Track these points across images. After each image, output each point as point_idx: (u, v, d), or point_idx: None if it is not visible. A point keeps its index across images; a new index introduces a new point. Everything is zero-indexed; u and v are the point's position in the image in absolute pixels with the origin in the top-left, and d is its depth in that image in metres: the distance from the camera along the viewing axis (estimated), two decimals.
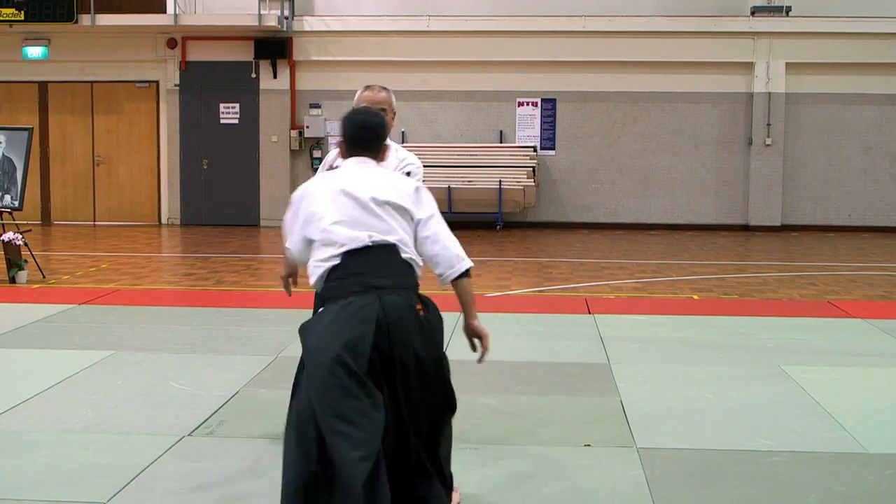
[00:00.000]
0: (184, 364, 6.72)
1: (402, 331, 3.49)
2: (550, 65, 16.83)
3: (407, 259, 3.66)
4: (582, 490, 4.43)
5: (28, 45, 17.19)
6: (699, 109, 16.90)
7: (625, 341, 7.58)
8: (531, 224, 16.92)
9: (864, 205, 16.87)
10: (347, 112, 3.94)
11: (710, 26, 16.58)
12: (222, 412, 5.57)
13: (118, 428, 5.29)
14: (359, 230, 3.61)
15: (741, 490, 4.44)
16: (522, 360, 6.93)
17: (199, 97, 17.23)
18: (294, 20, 16.89)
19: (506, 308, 8.97)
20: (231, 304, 9.34)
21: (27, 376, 6.33)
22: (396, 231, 3.65)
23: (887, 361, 7.05)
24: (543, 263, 12.55)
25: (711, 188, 16.96)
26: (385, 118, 4.06)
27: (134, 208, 17.53)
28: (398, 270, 3.62)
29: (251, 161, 17.26)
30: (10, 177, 10.84)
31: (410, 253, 3.68)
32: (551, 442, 5.09)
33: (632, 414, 5.59)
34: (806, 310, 9.18)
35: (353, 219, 3.63)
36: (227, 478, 4.57)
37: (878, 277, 11.44)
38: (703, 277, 11.33)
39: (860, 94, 16.70)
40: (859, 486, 4.51)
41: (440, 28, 16.75)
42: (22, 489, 4.38)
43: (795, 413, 5.64)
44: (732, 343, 7.57)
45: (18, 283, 10.29)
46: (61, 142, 17.56)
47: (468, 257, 3.80)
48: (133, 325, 8.07)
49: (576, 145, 17.02)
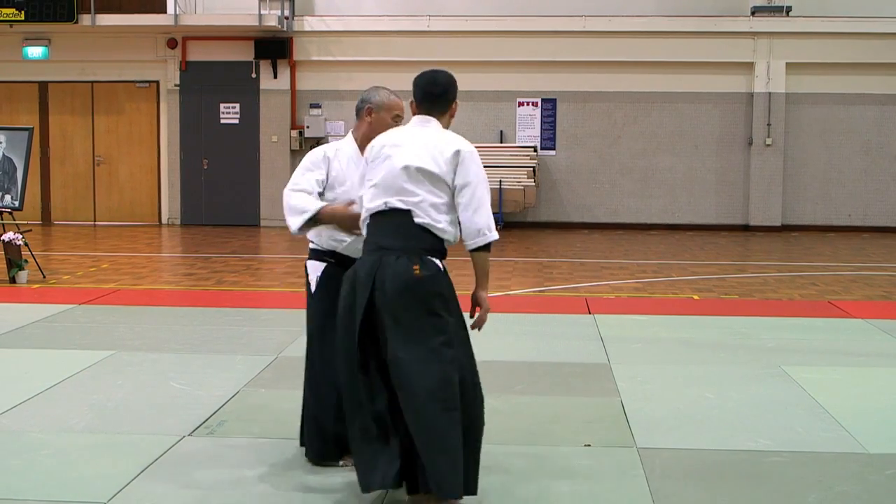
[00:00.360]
0: (184, 364, 6.72)
1: (391, 289, 3.90)
2: (551, 65, 16.83)
3: (421, 223, 3.99)
4: (582, 490, 4.43)
5: (28, 45, 17.20)
6: (699, 109, 16.90)
7: (625, 341, 7.58)
8: (531, 224, 16.91)
9: (864, 205, 16.87)
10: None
11: (711, 26, 16.58)
12: (222, 412, 5.57)
13: (118, 428, 5.29)
14: (383, 195, 4.03)
15: (741, 490, 4.44)
16: (522, 360, 6.93)
17: (200, 97, 17.23)
18: (294, 20, 16.89)
19: (506, 308, 8.96)
20: (231, 304, 9.33)
21: (27, 376, 6.33)
22: (418, 195, 4.00)
23: (887, 361, 7.05)
24: (544, 263, 12.55)
25: (712, 188, 16.96)
26: (453, 78, 4.38)
27: (134, 208, 17.53)
28: (407, 233, 3.98)
29: (251, 161, 17.26)
30: (11, 177, 10.84)
31: (426, 218, 4.00)
32: (551, 442, 5.09)
33: (632, 414, 5.59)
34: (806, 310, 9.18)
35: (384, 183, 4.05)
36: (227, 478, 4.57)
37: (878, 277, 11.44)
38: (704, 277, 11.33)
39: (860, 94, 16.70)
40: (860, 486, 4.51)
41: (440, 28, 16.75)
42: (22, 489, 4.38)
43: (796, 413, 5.64)
44: (733, 343, 7.57)
45: (19, 283, 10.29)
46: (61, 142, 17.56)
47: (494, 231, 4.08)
48: (133, 325, 8.07)
49: (576, 145, 17.02)
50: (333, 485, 4.46)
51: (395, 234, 3.99)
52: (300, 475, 4.56)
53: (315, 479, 4.52)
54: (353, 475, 4.53)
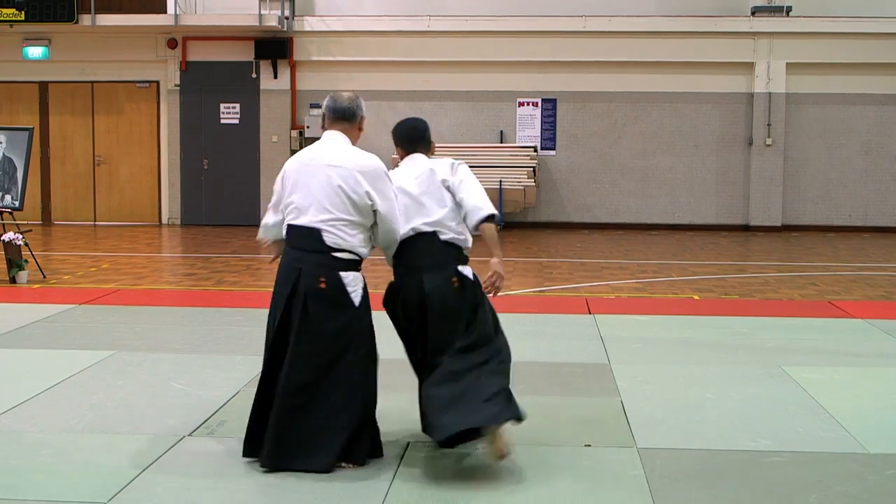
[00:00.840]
0: (184, 364, 6.72)
1: (437, 298, 4.70)
2: (551, 65, 16.83)
3: (447, 240, 4.78)
4: (582, 490, 4.43)
5: (28, 46, 17.20)
6: (700, 109, 16.90)
7: (625, 341, 7.58)
8: (532, 224, 16.92)
9: (864, 205, 16.87)
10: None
11: (711, 26, 16.59)
12: (223, 412, 5.57)
13: (118, 428, 5.29)
14: (409, 222, 4.77)
15: (741, 490, 4.44)
16: (523, 360, 6.91)
17: (200, 97, 17.23)
18: (294, 20, 16.89)
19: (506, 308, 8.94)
20: (231, 304, 9.33)
21: (28, 376, 6.34)
22: (435, 215, 4.78)
23: (888, 361, 7.05)
24: (544, 263, 12.55)
25: (712, 188, 16.96)
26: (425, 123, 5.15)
27: (134, 208, 17.53)
28: (437, 252, 4.76)
29: (251, 161, 17.26)
30: (11, 177, 10.85)
31: (451, 233, 4.80)
32: (551, 442, 5.09)
33: (632, 414, 5.59)
34: (806, 310, 9.19)
35: (406, 211, 4.78)
36: (227, 478, 4.57)
37: (878, 277, 11.44)
38: (704, 277, 11.33)
39: (861, 94, 16.70)
40: (860, 486, 4.51)
41: (441, 28, 16.75)
42: (23, 489, 4.38)
43: (796, 413, 5.64)
44: (733, 343, 7.57)
45: (19, 283, 10.30)
46: (62, 142, 17.56)
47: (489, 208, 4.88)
48: (133, 326, 8.07)
49: (576, 145, 17.02)
50: (334, 485, 4.46)
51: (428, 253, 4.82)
52: (300, 475, 4.56)
53: (316, 479, 4.52)
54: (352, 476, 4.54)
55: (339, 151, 4.76)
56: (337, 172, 4.65)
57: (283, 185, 4.80)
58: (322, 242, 4.62)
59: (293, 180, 4.74)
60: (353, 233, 4.66)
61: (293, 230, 4.71)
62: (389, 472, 4.60)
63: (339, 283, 4.61)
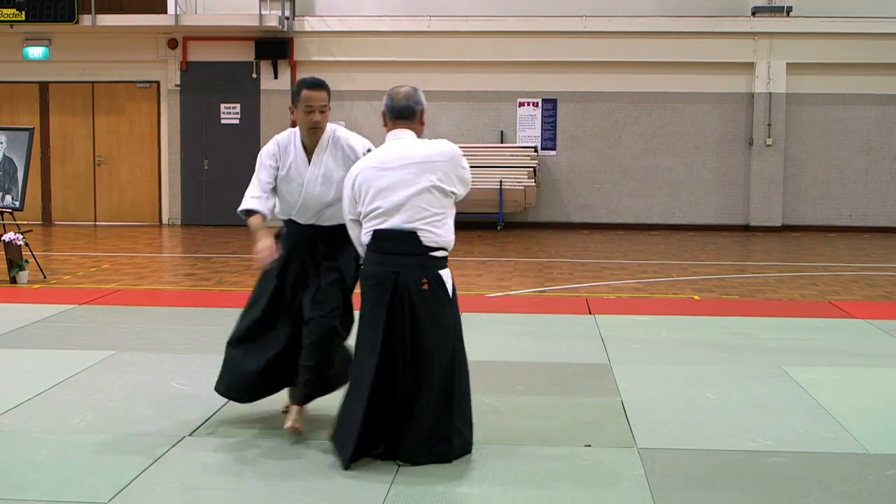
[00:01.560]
0: (184, 364, 6.73)
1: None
2: (551, 65, 16.83)
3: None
4: (582, 490, 4.43)
5: (29, 46, 17.20)
6: (700, 110, 16.90)
7: (625, 341, 7.58)
8: (532, 224, 16.92)
9: (864, 205, 16.87)
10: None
11: (711, 27, 16.58)
12: (223, 412, 5.57)
13: (119, 428, 5.29)
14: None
15: (741, 490, 4.44)
16: (523, 360, 6.94)
17: (200, 97, 17.24)
18: (295, 20, 16.90)
19: (506, 308, 8.97)
20: (232, 304, 9.30)
21: (28, 376, 6.34)
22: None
23: (888, 361, 7.05)
24: (544, 264, 12.55)
25: (712, 188, 16.96)
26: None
27: (135, 208, 17.53)
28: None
29: (252, 161, 16.92)
30: (11, 177, 10.85)
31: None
32: (551, 442, 5.09)
33: (632, 414, 5.59)
34: (807, 310, 9.18)
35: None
36: (227, 478, 4.57)
37: (878, 278, 11.44)
38: (704, 278, 11.33)
39: (861, 95, 16.70)
40: (860, 486, 4.51)
41: (441, 28, 16.75)
42: (23, 489, 4.38)
43: (796, 413, 5.64)
44: (733, 343, 7.57)
45: (19, 283, 10.30)
46: (62, 142, 17.56)
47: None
48: (134, 326, 8.08)
49: (577, 145, 17.02)
50: (334, 485, 4.46)
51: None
52: (301, 476, 4.56)
53: (316, 479, 4.52)
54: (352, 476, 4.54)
55: (414, 148, 4.71)
56: (421, 168, 4.63)
57: (359, 192, 4.71)
58: (419, 244, 4.61)
59: (369, 185, 4.67)
60: (449, 224, 4.72)
61: (382, 235, 4.64)
62: (389, 472, 4.60)
63: (440, 281, 4.68)
